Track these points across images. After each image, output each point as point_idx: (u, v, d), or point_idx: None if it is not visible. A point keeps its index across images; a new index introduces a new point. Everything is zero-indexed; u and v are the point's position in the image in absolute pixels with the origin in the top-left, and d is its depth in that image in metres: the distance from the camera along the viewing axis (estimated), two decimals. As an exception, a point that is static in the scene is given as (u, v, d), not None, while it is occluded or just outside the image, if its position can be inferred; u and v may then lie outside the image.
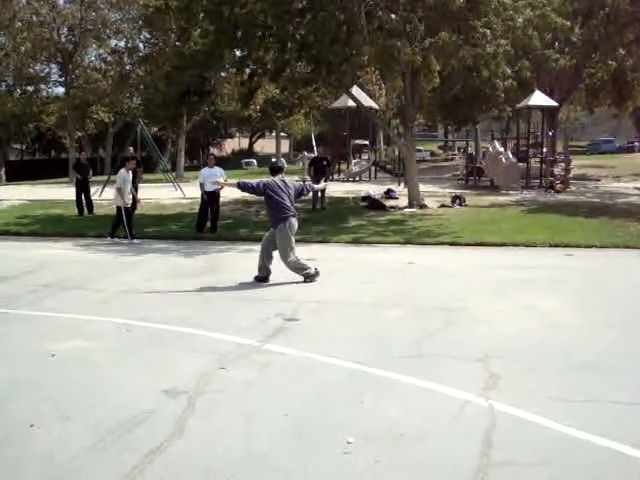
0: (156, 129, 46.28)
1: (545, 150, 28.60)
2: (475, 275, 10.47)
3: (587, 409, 4.95)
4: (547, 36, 20.67)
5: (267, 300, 8.73)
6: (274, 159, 10.30)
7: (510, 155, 26.75)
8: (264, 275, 9.77)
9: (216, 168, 15.84)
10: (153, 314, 7.93)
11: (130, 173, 15.14)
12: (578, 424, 4.61)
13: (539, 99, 27.28)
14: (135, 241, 14.76)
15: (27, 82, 43.07)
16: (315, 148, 45.38)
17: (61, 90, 44.69)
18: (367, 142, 35.40)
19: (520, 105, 28.54)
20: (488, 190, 25.67)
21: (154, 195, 23.24)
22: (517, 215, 18.13)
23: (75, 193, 19.91)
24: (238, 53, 20.08)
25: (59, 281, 10.14)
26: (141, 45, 41.27)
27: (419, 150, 44.44)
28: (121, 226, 14.88)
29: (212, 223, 15.78)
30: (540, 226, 15.59)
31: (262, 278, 9.74)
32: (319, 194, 19.69)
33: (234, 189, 10.40)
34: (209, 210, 15.77)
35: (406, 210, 19.30)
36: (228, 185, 11.32)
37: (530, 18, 18.62)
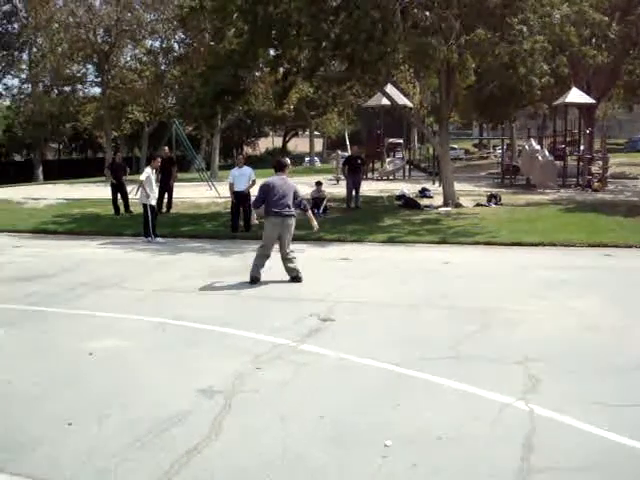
0: (191, 128, 46.52)
1: (582, 148, 28.14)
2: (512, 275, 10.34)
3: (629, 413, 4.85)
4: (584, 32, 20.32)
5: (302, 300, 8.72)
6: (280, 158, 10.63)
7: (546, 153, 26.35)
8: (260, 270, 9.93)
9: (245, 168, 15.81)
10: (188, 313, 7.96)
11: (153, 172, 15.12)
12: (620, 429, 4.51)
13: (576, 96, 26.84)
14: (160, 239, 14.76)
15: (64, 82, 43.72)
16: (349, 147, 45.27)
17: (97, 90, 45.36)
18: (401, 140, 35.20)
19: (557, 102, 28.11)
20: (524, 189, 25.35)
21: (189, 194, 23.36)
22: (554, 214, 17.85)
23: (111, 192, 20.09)
24: (272, 52, 20.13)
25: (96, 280, 10.24)
26: (176, 45, 41.62)
27: (453, 148, 43.96)
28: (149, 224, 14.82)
29: (245, 223, 15.80)
30: (577, 225, 15.34)
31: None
32: (353, 192, 19.66)
33: None
34: (240, 210, 15.79)
35: (441, 209, 19.13)
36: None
37: (567, 14, 18.29)
